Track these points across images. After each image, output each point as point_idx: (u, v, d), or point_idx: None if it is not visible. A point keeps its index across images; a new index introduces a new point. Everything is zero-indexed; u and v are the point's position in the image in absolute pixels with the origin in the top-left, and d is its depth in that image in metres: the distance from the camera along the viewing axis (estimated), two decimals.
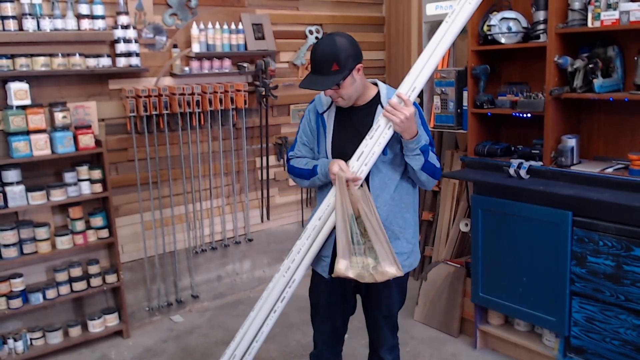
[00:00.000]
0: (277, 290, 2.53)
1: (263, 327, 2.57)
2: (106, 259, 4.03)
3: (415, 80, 2.37)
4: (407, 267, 2.50)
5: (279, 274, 2.53)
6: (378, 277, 2.34)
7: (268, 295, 2.56)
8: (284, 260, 2.54)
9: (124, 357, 3.77)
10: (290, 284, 2.51)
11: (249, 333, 2.58)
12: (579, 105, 3.44)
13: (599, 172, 3.12)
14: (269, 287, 2.56)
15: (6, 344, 3.58)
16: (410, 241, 2.52)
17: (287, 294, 2.52)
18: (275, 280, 2.55)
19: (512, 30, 3.49)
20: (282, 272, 2.52)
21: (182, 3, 4.12)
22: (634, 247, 2.80)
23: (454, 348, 3.73)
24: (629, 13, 2.93)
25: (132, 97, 3.84)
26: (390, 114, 2.28)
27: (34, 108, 3.47)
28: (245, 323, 2.61)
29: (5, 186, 3.43)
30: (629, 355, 2.90)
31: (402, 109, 2.26)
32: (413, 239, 2.54)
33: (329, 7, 4.90)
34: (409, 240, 2.51)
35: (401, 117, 2.25)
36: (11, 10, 3.36)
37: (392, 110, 2.28)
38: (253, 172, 4.66)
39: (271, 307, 2.55)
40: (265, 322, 2.56)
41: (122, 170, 4.04)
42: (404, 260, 2.47)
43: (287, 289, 2.52)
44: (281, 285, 2.53)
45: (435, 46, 2.41)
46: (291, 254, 2.51)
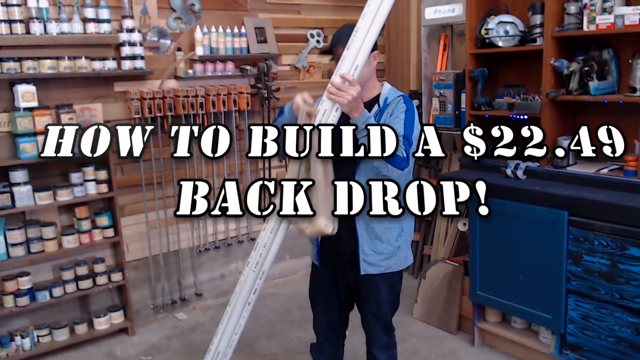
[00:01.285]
0: (248, 284, 2.50)
1: (240, 320, 2.56)
2: (112, 257, 4.04)
3: (355, 58, 2.26)
4: (383, 267, 2.47)
5: (249, 267, 2.50)
6: (310, 229, 2.27)
7: (241, 289, 2.53)
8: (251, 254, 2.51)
9: (129, 353, 3.77)
10: (261, 275, 2.48)
11: (228, 327, 2.59)
12: (574, 107, 3.45)
13: (594, 173, 3.13)
14: (241, 281, 2.52)
15: (13, 341, 3.59)
16: (392, 244, 2.46)
17: (259, 286, 2.50)
18: (245, 274, 2.51)
19: (509, 34, 3.50)
20: (252, 267, 2.49)
21: (186, 7, 4.13)
22: (629, 246, 2.81)
23: (452, 345, 3.74)
24: (624, 17, 2.94)
25: (137, 99, 3.85)
26: (336, 95, 2.20)
27: (41, 110, 3.48)
28: (224, 318, 2.61)
29: (13, 186, 3.44)
30: (623, 352, 2.90)
31: (348, 89, 2.19)
32: (396, 242, 2.47)
33: (329, 11, 4.90)
34: (390, 242, 2.45)
35: (348, 97, 2.18)
36: (19, 14, 3.37)
37: (337, 92, 2.20)
38: (255, 172, 4.67)
39: (245, 300, 2.53)
40: (242, 314, 2.55)
41: (127, 171, 4.05)
42: (381, 261, 2.45)
43: (257, 281, 2.49)
44: (252, 279, 2.49)
45: (372, 19, 2.36)
46: (257, 247, 2.47)
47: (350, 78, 2.21)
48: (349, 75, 2.22)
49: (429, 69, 4.40)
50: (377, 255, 2.43)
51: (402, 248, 2.52)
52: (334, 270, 2.58)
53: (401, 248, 2.51)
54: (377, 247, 2.44)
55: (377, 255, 2.44)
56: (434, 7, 4.19)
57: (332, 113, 2.27)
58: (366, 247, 2.43)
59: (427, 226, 4.77)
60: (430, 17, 4.24)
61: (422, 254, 4.79)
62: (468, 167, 3.74)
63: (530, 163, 3.34)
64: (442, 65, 4.37)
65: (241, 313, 2.55)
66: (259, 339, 3.89)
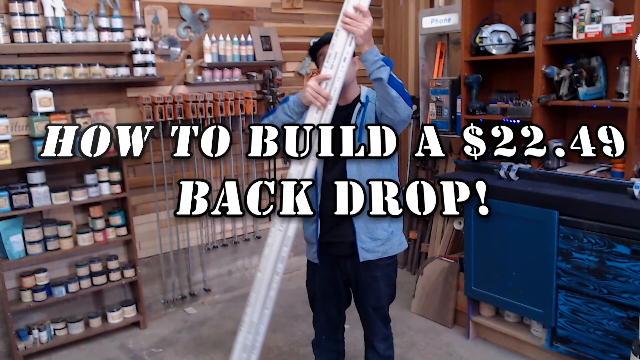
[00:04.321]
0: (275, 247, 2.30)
1: (270, 292, 2.34)
2: (124, 255, 4.06)
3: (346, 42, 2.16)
4: (380, 252, 2.47)
5: (275, 228, 2.30)
6: None
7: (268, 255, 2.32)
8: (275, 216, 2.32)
9: (140, 346, 3.78)
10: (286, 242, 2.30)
11: (260, 296, 2.35)
12: (564, 112, 3.46)
13: (583, 174, 3.13)
14: (269, 244, 2.32)
15: (31, 334, 3.61)
16: (385, 229, 2.46)
17: (285, 253, 2.31)
18: (272, 234, 2.31)
19: (502, 42, 3.51)
20: (278, 227, 2.30)
21: (195, 17, 4.14)
22: (616, 244, 2.81)
23: (448, 338, 3.74)
24: (611, 26, 2.95)
25: (149, 104, 3.86)
26: (352, 25, 2.09)
27: (57, 114, 3.49)
28: (255, 285, 2.37)
29: (31, 187, 3.45)
30: (611, 344, 2.91)
31: (363, 19, 2.09)
32: (389, 227, 2.47)
33: (332, 20, 4.90)
34: (384, 227, 2.46)
35: (364, 27, 2.08)
36: (36, 24, 3.39)
37: (352, 21, 2.08)
38: (261, 174, 4.67)
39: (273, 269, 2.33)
40: (270, 285, 2.33)
41: (140, 172, 4.06)
42: (378, 247, 2.45)
43: (283, 248, 2.31)
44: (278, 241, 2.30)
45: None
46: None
47: (364, 9, 2.10)
48: (363, 6, 2.11)
49: (426, 75, 4.41)
50: (373, 241, 2.44)
51: (395, 233, 2.52)
52: (333, 267, 2.58)
53: (394, 233, 2.52)
54: (372, 233, 2.43)
55: (374, 241, 2.44)
56: (430, 17, 4.20)
57: (346, 47, 2.15)
58: (363, 234, 2.43)
59: (424, 225, 4.78)
60: (427, 26, 4.25)
61: (419, 252, 4.80)
62: (464, 169, 3.74)
63: (522, 165, 3.34)
64: (438, 72, 4.38)
65: (269, 283, 2.34)
66: None
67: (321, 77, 2.21)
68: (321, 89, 2.20)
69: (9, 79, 3.34)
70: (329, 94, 2.21)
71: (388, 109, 2.23)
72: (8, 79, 3.34)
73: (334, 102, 2.23)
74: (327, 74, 2.21)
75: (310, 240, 2.56)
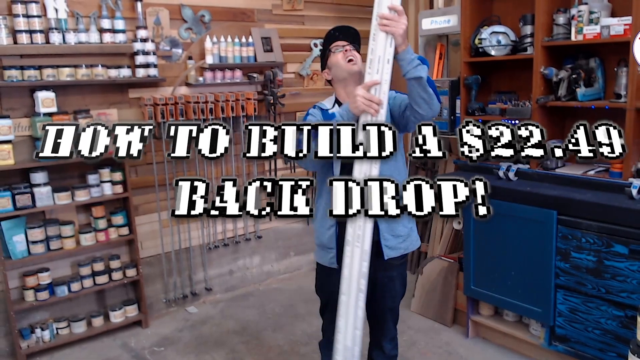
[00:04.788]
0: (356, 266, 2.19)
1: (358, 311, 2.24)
2: (126, 254, 4.06)
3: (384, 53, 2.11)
4: (402, 249, 2.46)
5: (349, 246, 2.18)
6: None
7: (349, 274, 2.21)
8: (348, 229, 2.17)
9: (142, 345, 3.79)
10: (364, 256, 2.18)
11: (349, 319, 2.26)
12: (563, 113, 3.46)
13: (581, 175, 3.14)
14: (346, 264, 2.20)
15: (34, 333, 3.61)
16: (405, 225, 2.46)
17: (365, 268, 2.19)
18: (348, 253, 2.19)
19: (501, 44, 3.51)
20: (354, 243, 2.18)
21: (197, 18, 4.15)
22: (614, 243, 2.81)
23: (448, 337, 3.74)
24: (609, 27, 2.95)
25: (151, 105, 3.86)
26: (390, 26, 2.02)
27: (59, 115, 3.50)
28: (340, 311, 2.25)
29: (34, 187, 3.46)
30: (609, 343, 2.91)
31: (400, 19, 2.02)
32: (409, 224, 2.49)
33: (332, 21, 4.91)
34: (404, 224, 2.46)
35: (403, 27, 2.02)
36: (39, 25, 3.40)
37: (390, 22, 2.02)
38: (262, 174, 4.68)
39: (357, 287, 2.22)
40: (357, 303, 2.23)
41: (141, 173, 4.07)
42: (400, 243, 2.44)
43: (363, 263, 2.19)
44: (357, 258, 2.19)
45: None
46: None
47: (399, 8, 2.02)
48: (398, 5, 2.03)
49: None
50: (395, 239, 2.42)
51: (413, 229, 2.54)
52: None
53: (412, 229, 2.53)
54: (394, 230, 2.42)
55: (396, 238, 2.43)
56: (430, 18, 4.20)
57: (387, 49, 2.08)
58: (386, 233, 2.42)
59: (423, 225, 4.78)
60: (427, 27, 4.25)
61: (419, 251, 4.80)
62: (463, 169, 3.75)
63: (521, 165, 3.35)
64: (438, 73, 4.38)
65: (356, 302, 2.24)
66: (265, 331, 3.90)
67: (369, 83, 2.16)
68: (372, 96, 2.15)
69: (12, 80, 3.35)
70: (380, 99, 2.17)
71: (423, 106, 2.23)
72: (11, 80, 3.34)
73: (385, 106, 2.20)
74: (376, 79, 2.16)
75: (327, 245, 2.48)
